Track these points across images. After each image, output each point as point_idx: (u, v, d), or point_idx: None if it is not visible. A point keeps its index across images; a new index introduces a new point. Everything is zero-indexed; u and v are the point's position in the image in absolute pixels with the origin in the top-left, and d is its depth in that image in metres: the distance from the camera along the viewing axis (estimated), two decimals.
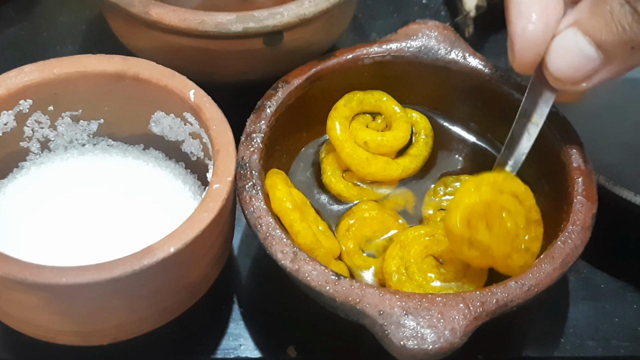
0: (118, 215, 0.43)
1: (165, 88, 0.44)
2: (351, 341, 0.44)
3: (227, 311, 0.46)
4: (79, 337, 0.40)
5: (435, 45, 0.49)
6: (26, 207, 0.44)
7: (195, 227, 0.38)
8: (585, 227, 0.41)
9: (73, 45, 0.60)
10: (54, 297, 0.37)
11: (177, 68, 0.45)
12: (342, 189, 0.47)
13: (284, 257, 0.39)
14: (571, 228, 0.41)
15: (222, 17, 0.47)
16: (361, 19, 0.63)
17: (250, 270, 0.48)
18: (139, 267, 0.37)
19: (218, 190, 0.40)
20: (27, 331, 0.41)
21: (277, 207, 0.42)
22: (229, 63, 0.50)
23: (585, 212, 0.41)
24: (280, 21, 0.47)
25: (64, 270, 0.36)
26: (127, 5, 0.48)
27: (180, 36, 0.48)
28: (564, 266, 0.39)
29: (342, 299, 0.38)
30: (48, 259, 0.40)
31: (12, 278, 0.36)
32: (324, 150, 0.49)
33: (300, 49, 0.50)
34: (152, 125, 0.46)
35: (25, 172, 0.46)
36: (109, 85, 0.45)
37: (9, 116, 0.44)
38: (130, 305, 0.39)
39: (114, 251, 0.39)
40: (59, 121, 0.46)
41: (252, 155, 0.44)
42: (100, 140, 0.47)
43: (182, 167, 0.47)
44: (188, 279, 0.40)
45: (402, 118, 0.48)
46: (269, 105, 0.46)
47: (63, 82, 0.44)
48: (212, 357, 0.44)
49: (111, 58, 0.45)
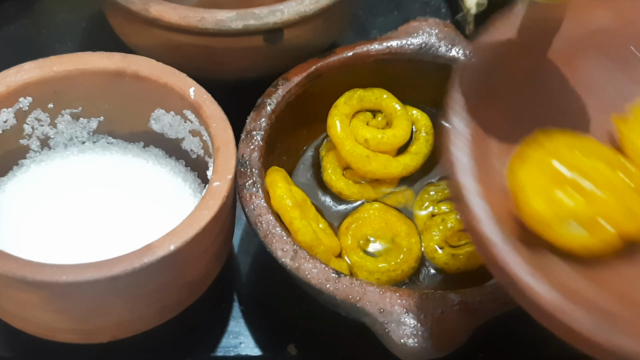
0: (118, 213, 0.43)
1: (165, 85, 0.44)
2: (351, 339, 0.44)
3: (227, 309, 0.46)
4: (79, 335, 0.40)
5: (436, 43, 0.49)
6: (26, 205, 0.43)
7: (196, 225, 0.38)
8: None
9: (73, 42, 0.60)
10: (54, 294, 0.37)
11: (177, 65, 0.45)
12: (343, 187, 0.47)
13: (284, 254, 0.39)
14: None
15: (222, 15, 0.47)
16: (361, 16, 0.62)
17: (250, 268, 0.48)
18: (139, 265, 0.37)
19: (218, 188, 0.40)
20: (27, 329, 0.41)
21: (277, 204, 0.42)
22: (229, 60, 0.50)
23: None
24: (281, 18, 0.47)
25: (63, 268, 0.36)
26: (127, 3, 0.47)
27: (180, 33, 0.48)
28: None
29: (342, 296, 0.38)
30: (48, 257, 0.40)
31: (11, 276, 0.36)
32: (324, 148, 0.49)
33: (300, 47, 0.50)
34: (152, 122, 0.46)
35: (25, 169, 0.45)
36: (109, 82, 0.45)
37: (9, 114, 0.44)
38: (130, 303, 0.39)
39: (114, 249, 0.39)
40: (58, 119, 0.46)
41: (252, 152, 0.44)
42: (100, 138, 0.47)
43: (182, 164, 0.47)
44: (188, 276, 0.40)
45: (402, 116, 0.48)
46: (269, 103, 0.46)
47: (63, 79, 0.44)
48: (213, 355, 0.44)
49: (111, 55, 0.45)
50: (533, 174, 0.30)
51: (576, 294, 0.29)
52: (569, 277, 0.29)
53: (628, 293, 0.30)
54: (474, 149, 0.31)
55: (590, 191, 0.30)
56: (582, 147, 0.31)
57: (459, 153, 0.31)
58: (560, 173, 0.30)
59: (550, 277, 0.29)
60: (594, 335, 0.28)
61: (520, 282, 0.28)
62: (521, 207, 0.30)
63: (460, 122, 0.32)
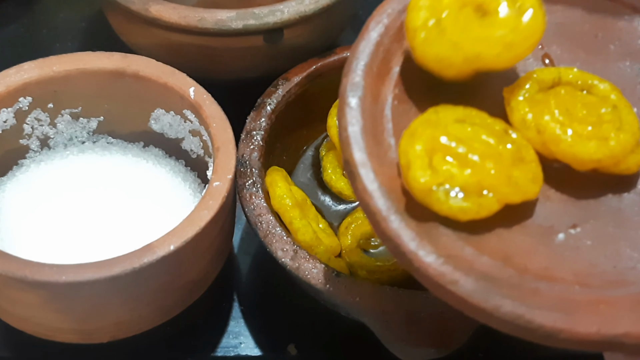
0: (118, 213, 0.43)
1: (165, 85, 0.44)
2: (352, 339, 0.44)
3: (227, 309, 0.46)
4: (79, 335, 0.40)
5: None
6: (26, 205, 0.43)
7: (195, 224, 0.38)
8: None
9: (73, 42, 0.60)
10: (54, 295, 0.37)
11: (177, 65, 0.45)
12: (343, 187, 0.47)
13: (284, 254, 0.39)
14: None
15: (222, 14, 0.47)
16: (361, 16, 0.62)
17: (250, 268, 0.48)
18: (139, 265, 0.36)
19: (218, 187, 0.40)
20: (27, 329, 0.41)
21: (277, 204, 0.42)
22: (229, 60, 0.50)
23: None
24: (281, 18, 0.47)
25: (63, 268, 0.36)
26: (127, 3, 0.47)
27: (180, 33, 0.48)
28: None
29: (342, 296, 0.38)
30: (48, 257, 0.40)
31: (11, 276, 0.36)
32: (324, 148, 0.49)
33: (300, 47, 0.50)
34: (152, 122, 0.46)
35: (25, 169, 0.45)
36: (109, 82, 0.45)
37: (9, 114, 0.44)
38: (130, 303, 0.39)
39: (114, 249, 0.39)
40: (58, 119, 0.46)
41: (252, 152, 0.44)
42: (100, 138, 0.47)
43: (182, 164, 0.47)
44: (188, 276, 0.40)
45: None
46: (269, 103, 0.46)
47: (63, 79, 0.44)
48: (212, 355, 0.44)
49: (111, 55, 0.45)
50: (420, 148, 0.32)
51: (459, 259, 0.30)
52: (454, 245, 0.31)
53: (509, 256, 0.31)
54: (368, 125, 0.33)
55: (472, 161, 0.32)
56: (472, 121, 0.33)
57: (352, 129, 0.32)
58: (446, 146, 0.32)
59: (435, 245, 0.30)
60: (471, 297, 0.29)
61: (407, 250, 0.30)
62: (407, 180, 0.32)
63: (355, 99, 0.33)
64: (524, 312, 0.29)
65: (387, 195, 0.31)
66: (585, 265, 0.32)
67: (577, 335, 0.29)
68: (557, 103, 0.34)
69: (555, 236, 0.33)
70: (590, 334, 0.29)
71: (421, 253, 0.30)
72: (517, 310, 0.29)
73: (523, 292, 0.30)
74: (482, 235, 0.32)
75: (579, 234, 0.33)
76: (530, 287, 0.30)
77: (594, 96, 0.35)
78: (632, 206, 0.34)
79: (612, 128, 0.34)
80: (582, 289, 0.31)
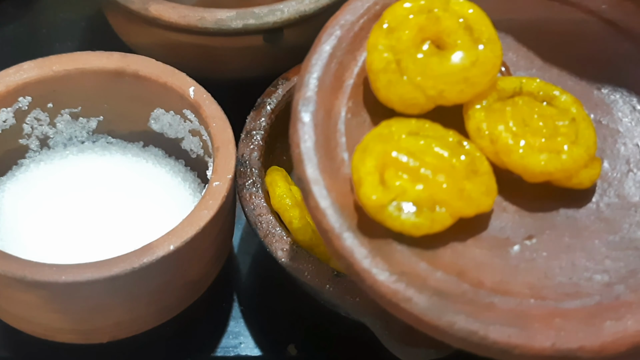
0: (117, 213, 0.43)
1: (165, 85, 0.44)
2: (352, 339, 0.44)
3: (227, 309, 0.46)
4: (78, 335, 0.40)
5: None
6: (25, 205, 0.43)
7: (195, 224, 0.38)
8: None
9: (72, 42, 0.60)
10: (53, 295, 0.37)
11: (177, 65, 0.45)
12: None
13: (284, 254, 0.39)
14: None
15: (221, 14, 0.47)
16: None
17: (250, 268, 0.48)
18: (139, 265, 0.36)
19: (218, 187, 0.40)
20: (26, 329, 0.41)
21: (276, 204, 0.42)
22: (229, 60, 0.50)
23: None
24: (281, 18, 0.47)
25: (63, 268, 0.36)
26: (127, 2, 0.47)
27: (179, 33, 0.48)
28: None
29: (342, 296, 0.38)
30: (47, 257, 0.40)
31: (11, 276, 0.36)
32: None
33: (300, 46, 0.50)
34: (151, 122, 0.46)
35: (25, 169, 0.45)
36: (109, 82, 0.45)
37: (8, 113, 0.44)
38: (130, 304, 0.39)
39: (114, 249, 0.39)
40: (58, 118, 0.46)
41: (252, 152, 0.43)
42: (99, 138, 0.47)
43: (182, 164, 0.47)
44: (188, 276, 0.40)
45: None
46: (269, 103, 0.46)
47: (62, 79, 0.44)
48: (212, 355, 0.44)
49: (110, 55, 0.45)
50: (372, 165, 0.31)
51: (413, 276, 0.30)
52: (408, 261, 0.30)
53: (464, 271, 0.31)
54: (321, 141, 0.33)
55: (424, 175, 0.31)
56: (425, 133, 0.33)
57: (304, 145, 0.32)
58: (397, 160, 0.31)
59: (389, 262, 0.30)
60: (424, 314, 0.29)
61: (360, 269, 0.30)
62: (359, 197, 0.31)
63: (308, 115, 0.33)
64: (478, 328, 0.29)
65: (339, 212, 0.31)
66: (541, 277, 0.31)
67: (531, 351, 0.29)
68: (513, 113, 0.33)
69: (511, 248, 0.32)
70: (545, 349, 0.29)
71: (374, 271, 0.30)
72: (470, 327, 0.29)
73: (477, 307, 0.29)
74: (437, 250, 0.31)
75: (534, 245, 0.32)
76: (484, 302, 0.30)
77: (553, 108, 0.34)
78: (588, 215, 0.33)
79: (567, 141, 0.33)
80: (537, 302, 0.30)
